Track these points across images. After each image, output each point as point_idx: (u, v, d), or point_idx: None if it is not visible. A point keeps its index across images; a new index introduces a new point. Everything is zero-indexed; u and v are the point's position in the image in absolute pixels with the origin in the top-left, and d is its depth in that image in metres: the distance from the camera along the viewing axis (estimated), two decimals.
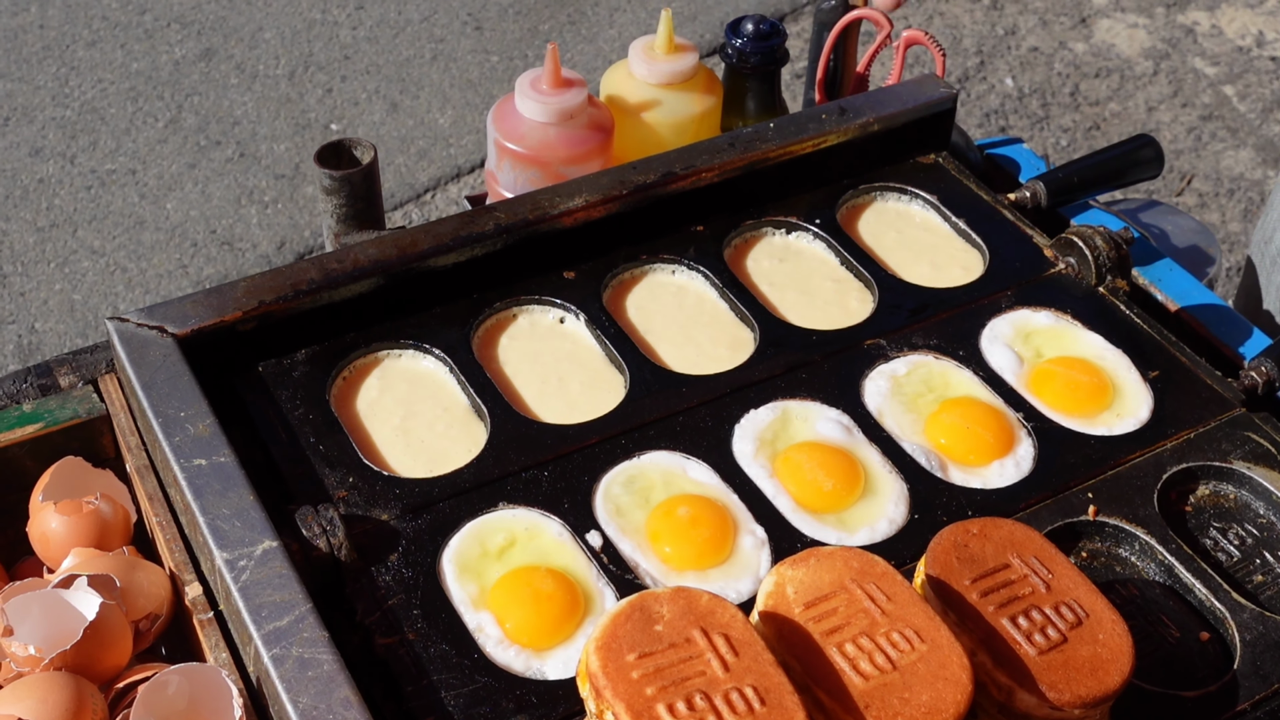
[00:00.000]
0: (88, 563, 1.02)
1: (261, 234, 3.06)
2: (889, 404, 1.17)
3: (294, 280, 1.16)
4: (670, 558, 1.03)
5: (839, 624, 0.87)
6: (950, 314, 1.26)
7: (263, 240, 3.05)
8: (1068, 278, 1.31)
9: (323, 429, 1.11)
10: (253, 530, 0.97)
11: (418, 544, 1.03)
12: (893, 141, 1.41)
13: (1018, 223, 1.37)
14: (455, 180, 3.23)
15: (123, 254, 3.00)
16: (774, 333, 1.23)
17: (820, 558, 0.91)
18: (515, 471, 1.09)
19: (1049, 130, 3.44)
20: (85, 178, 3.18)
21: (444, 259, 1.21)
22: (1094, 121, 3.48)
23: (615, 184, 1.28)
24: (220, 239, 3.04)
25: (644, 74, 1.42)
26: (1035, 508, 1.08)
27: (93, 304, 2.89)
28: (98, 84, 3.44)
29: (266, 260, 3.00)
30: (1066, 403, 1.18)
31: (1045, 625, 0.90)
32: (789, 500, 1.08)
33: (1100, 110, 3.52)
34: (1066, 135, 3.43)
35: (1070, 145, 3.39)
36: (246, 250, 3.02)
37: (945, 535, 0.95)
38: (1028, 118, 3.49)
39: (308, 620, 0.92)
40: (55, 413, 1.12)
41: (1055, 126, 3.46)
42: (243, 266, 2.98)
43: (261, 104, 3.39)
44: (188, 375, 1.08)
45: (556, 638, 0.98)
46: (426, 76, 3.50)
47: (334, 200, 1.32)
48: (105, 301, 2.89)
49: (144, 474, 1.08)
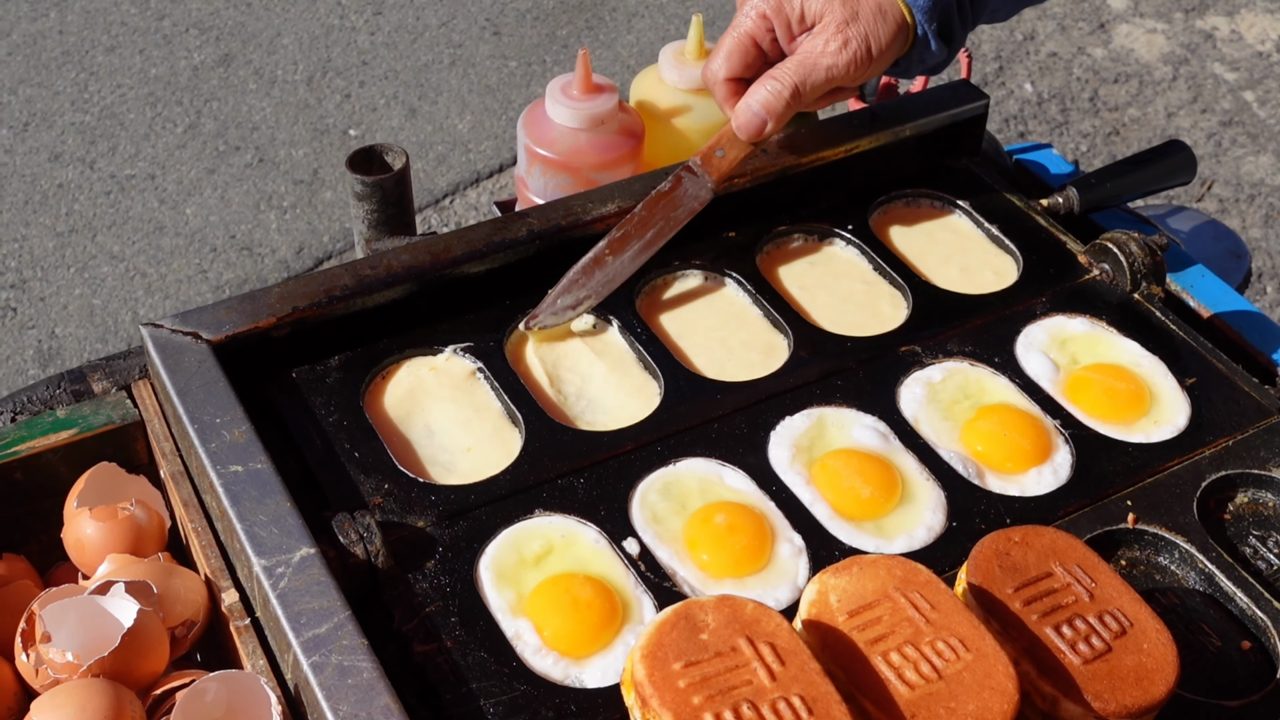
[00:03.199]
0: (123, 569, 1.01)
1: (280, 239, 3.07)
2: (925, 411, 1.16)
3: (327, 286, 1.16)
4: (708, 565, 1.03)
5: (883, 633, 0.87)
6: (985, 320, 1.25)
7: (282, 245, 3.05)
8: (1102, 284, 1.30)
9: (357, 435, 1.11)
10: (290, 537, 0.97)
11: (454, 551, 1.03)
12: (925, 147, 1.41)
13: (1051, 228, 1.36)
14: (474, 185, 3.23)
15: (142, 259, 3.01)
16: (808, 339, 1.22)
17: (863, 566, 0.91)
18: (551, 478, 1.08)
19: (1068, 136, 3.44)
20: (105, 183, 3.19)
21: (477, 265, 1.21)
22: (1113, 127, 3.48)
23: (648, 189, 1.27)
24: (239, 244, 3.05)
25: (674, 79, 1.42)
26: (1074, 515, 1.08)
27: (112, 309, 2.90)
28: (117, 89, 3.44)
29: (285, 265, 3.01)
30: (1104, 410, 1.17)
31: (1089, 634, 0.90)
32: (826, 507, 1.08)
33: (1119, 116, 3.52)
34: (1086, 141, 3.42)
35: (1090, 151, 3.39)
36: (266, 255, 3.03)
37: (986, 543, 0.95)
38: (1047, 123, 3.48)
39: (346, 628, 0.91)
40: (89, 419, 1.12)
41: (1075, 132, 3.45)
42: (262, 272, 2.99)
43: (280, 109, 3.40)
44: (223, 381, 1.07)
45: (595, 645, 0.98)
46: (445, 82, 3.50)
47: (365, 206, 1.32)
48: (125, 307, 2.90)
49: (179, 480, 1.08)
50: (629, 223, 1.23)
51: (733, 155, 1.23)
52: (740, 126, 1.21)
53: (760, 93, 1.19)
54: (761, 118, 1.19)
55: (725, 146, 1.23)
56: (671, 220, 1.23)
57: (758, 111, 1.19)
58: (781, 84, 1.18)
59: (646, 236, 1.22)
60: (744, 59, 1.21)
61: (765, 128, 1.20)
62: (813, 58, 1.17)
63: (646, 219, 1.23)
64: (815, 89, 1.18)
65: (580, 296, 1.21)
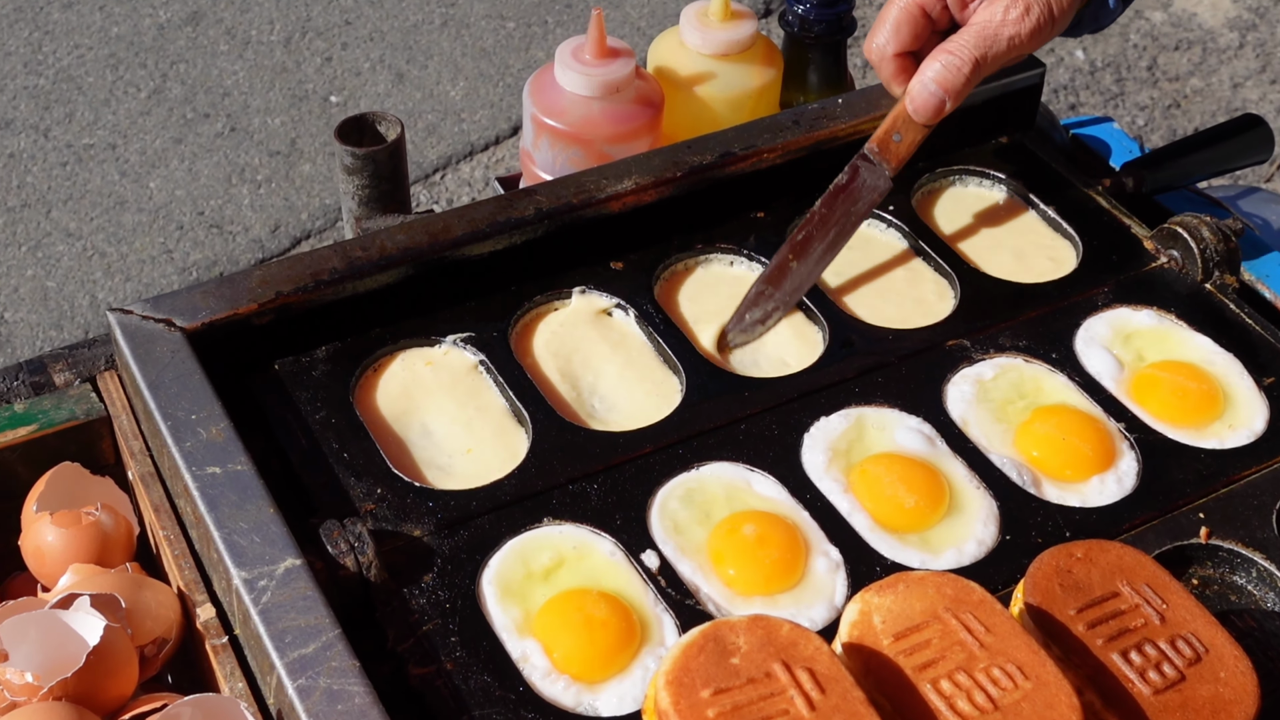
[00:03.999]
0: (88, 580, 1.01)
1: (254, 216, 3.06)
2: (975, 412, 1.16)
3: (314, 269, 1.16)
4: (735, 581, 1.03)
5: (933, 658, 0.86)
6: (1041, 312, 1.25)
7: (255, 223, 3.05)
8: (1171, 273, 1.30)
9: (346, 434, 1.11)
10: (273, 546, 0.96)
11: (454, 563, 1.02)
12: (972, 120, 1.40)
13: (1113, 211, 1.36)
14: (468, 159, 3.23)
15: (101, 237, 3.00)
16: (845, 331, 1.22)
17: (910, 584, 0.90)
18: (561, 483, 1.08)
19: (1124, 108, 3.43)
20: (60, 153, 3.18)
21: (479, 247, 1.20)
22: (1173, 99, 3.47)
23: (668, 165, 1.27)
24: (209, 221, 3.04)
25: (697, 43, 1.41)
26: (1140, 529, 1.07)
27: (68, 292, 2.89)
28: (74, 50, 3.44)
29: (259, 245, 3.01)
30: (1173, 412, 1.17)
31: (1160, 661, 0.89)
32: (866, 518, 1.07)
33: (1180, 86, 3.51)
34: (1143, 114, 3.42)
35: (1148, 125, 3.38)
36: (238, 234, 3.02)
37: (1046, 559, 0.94)
38: (1100, 94, 3.48)
39: (336, 647, 0.91)
40: (50, 414, 1.11)
41: (1131, 104, 3.45)
42: (233, 252, 2.98)
43: (254, 73, 3.39)
44: (198, 373, 1.07)
45: (610, 669, 0.97)
46: (436, 44, 3.50)
47: (356, 181, 1.32)
48: (82, 290, 2.90)
49: (149, 482, 1.07)
50: (809, 224, 1.24)
51: (910, 139, 1.23)
52: (917, 108, 1.20)
53: (936, 69, 1.18)
54: (940, 97, 1.18)
55: (901, 130, 1.23)
56: (853, 215, 1.25)
57: (934, 90, 1.18)
58: (959, 58, 1.17)
59: (829, 237, 1.24)
60: (913, 31, 1.20)
61: (944, 107, 1.19)
62: (993, 27, 1.16)
63: (827, 217, 1.24)
64: (997, 61, 1.18)
65: (769, 309, 1.24)
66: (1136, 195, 1.39)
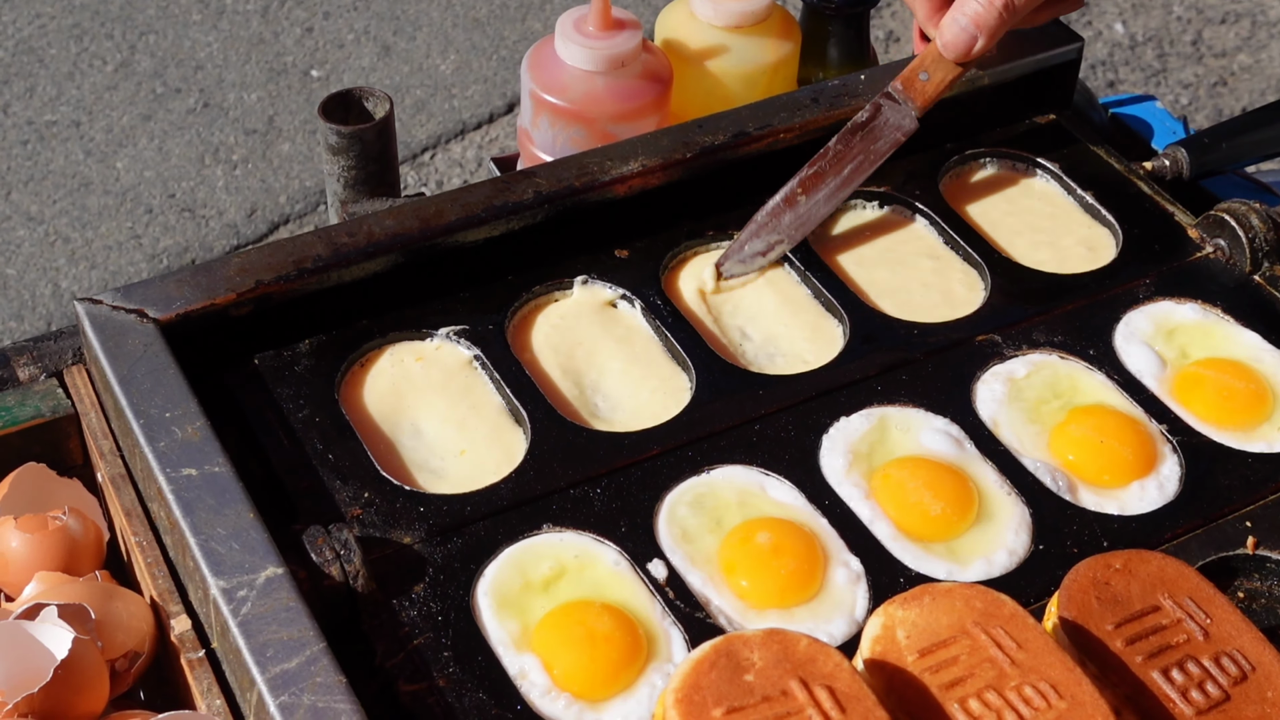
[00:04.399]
0: (55, 590, 1.02)
1: (228, 199, 3.07)
2: (1006, 412, 1.16)
3: (297, 257, 1.16)
4: (748, 593, 1.03)
5: (961, 675, 0.87)
6: (1078, 305, 1.25)
7: (230, 206, 3.06)
8: (1217, 263, 1.30)
9: (331, 434, 1.11)
10: (253, 554, 0.97)
11: (447, 573, 1.03)
12: (1005, 98, 1.41)
13: (1155, 197, 1.36)
14: (459, 138, 3.24)
15: (64, 221, 3.01)
16: (867, 325, 1.23)
17: (936, 596, 0.91)
18: (562, 488, 1.08)
19: (1166, 86, 3.43)
20: (20, 130, 3.19)
21: (474, 233, 1.21)
22: (1220, 76, 3.47)
23: (677, 146, 1.27)
24: (180, 204, 3.05)
25: (708, 14, 1.42)
26: (1182, 538, 1.08)
27: (29, 280, 2.90)
28: (35, 19, 3.44)
29: (234, 230, 3.01)
30: (1218, 413, 1.17)
31: (1204, 680, 0.90)
32: (889, 526, 1.08)
33: (1227, 63, 3.51)
34: (1187, 92, 3.42)
35: (1192, 104, 3.38)
36: (211, 218, 3.03)
37: (1082, 571, 0.95)
38: (1141, 70, 3.48)
39: (321, 662, 0.91)
40: (13, 411, 1.12)
41: (1174, 81, 3.45)
42: (206, 238, 2.99)
43: (229, 45, 3.40)
44: (173, 368, 1.07)
45: (614, 687, 0.98)
46: (425, 14, 3.50)
47: (341, 161, 1.33)
48: (44, 277, 2.90)
49: (120, 485, 1.08)
50: (822, 157, 1.28)
51: (939, 78, 1.27)
52: (947, 44, 1.24)
53: (970, 5, 1.22)
54: (971, 34, 1.22)
55: (930, 69, 1.27)
56: (871, 154, 1.28)
57: (965, 26, 1.22)
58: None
59: (844, 173, 1.28)
60: None
61: (975, 45, 1.23)
62: None
63: (843, 153, 1.28)
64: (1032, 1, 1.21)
65: (771, 241, 1.27)
66: (1180, 180, 1.39)
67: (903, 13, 3.60)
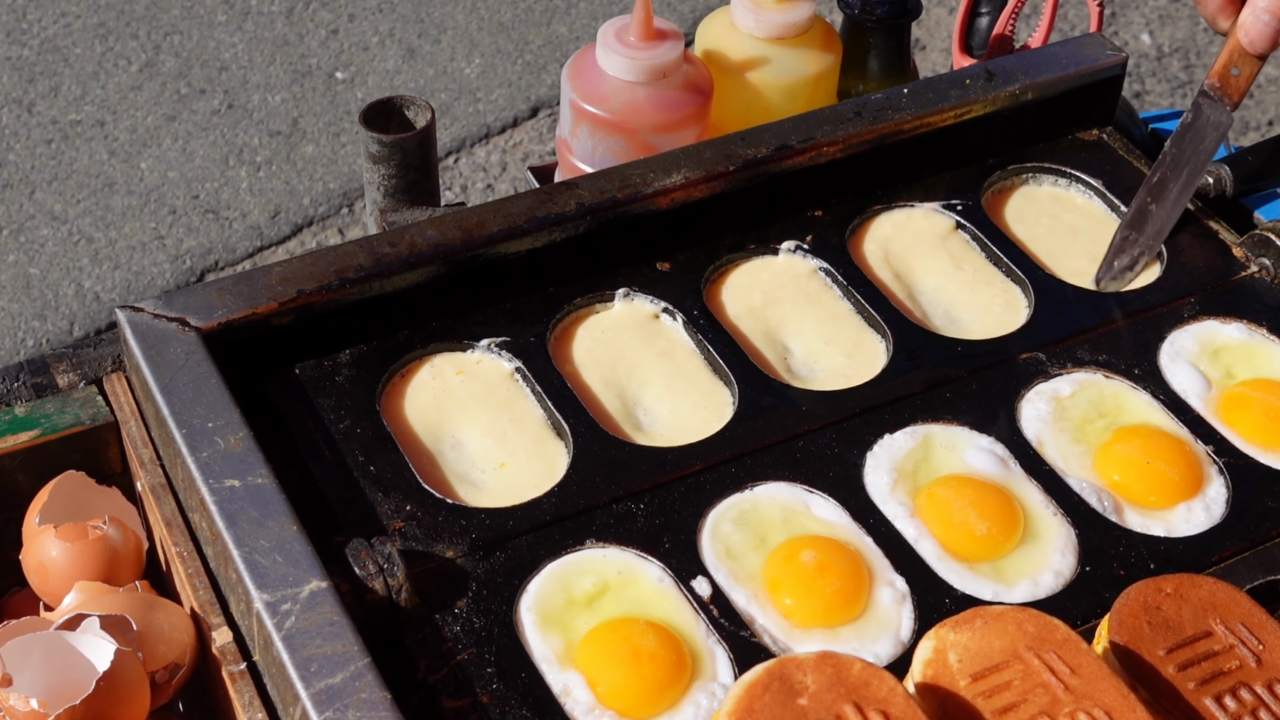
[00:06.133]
0: (95, 600, 1.01)
1: (252, 201, 3.07)
2: (1051, 431, 1.16)
3: (339, 266, 1.16)
4: (792, 612, 1.03)
5: (1014, 700, 0.86)
6: (1122, 323, 1.25)
7: (254, 208, 3.05)
8: (1262, 283, 1.30)
9: (373, 445, 1.11)
10: (297, 567, 0.96)
11: (490, 587, 1.02)
12: (1049, 113, 1.40)
13: (1199, 214, 1.36)
14: (483, 142, 3.23)
15: (88, 221, 3.01)
16: (910, 341, 1.22)
17: (988, 619, 0.90)
18: (605, 503, 1.08)
19: (1192, 98, 3.42)
20: (45, 130, 3.19)
21: (516, 244, 1.21)
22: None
23: (720, 158, 1.27)
24: (203, 206, 3.05)
25: (749, 25, 1.41)
26: (1230, 561, 1.07)
27: (52, 279, 2.90)
28: (60, 19, 3.45)
29: (258, 232, 3.01)
30: (1265, 434, 1.16)
31: (1257, 707, 0.89)
32: (934, 545, 1.07)
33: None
34: None
35: None
36: (234, 220, 3.03)
37: (1133, 594, 0.94)
38: (1167, 82, 3.47)
39: (366, 678, 0.91)
40: (53, 418, 1.11)
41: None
42: (229, 239, 2.99)
43: (254, 46, 3.40)
44: (215, 377, 1.07)
45: (659, 705, 0.97)
46: (450, 17, 3.50)
47: (382, 170, 1.32)
48: (67, 277, 2.90)
49: (160, 494, 1.07)
50: (1161, 164, 1.32)
51: (1248, 71, 1.29)
52: (1253, 40, 1.24)
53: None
54: (1274, 26, 1.22)
55: (1238, 64, 1.28)
56: (1201, 154, 1.32)
57: (1268, 20, 1.22)
58: None
59: (1183, 177, 1.31)
60: None
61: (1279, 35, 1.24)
62: None
63: (1178, 157, 1.32)
64: None
65: (1135, 255, 1.31)
66: (1223, 197, 1.39)
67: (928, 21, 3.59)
